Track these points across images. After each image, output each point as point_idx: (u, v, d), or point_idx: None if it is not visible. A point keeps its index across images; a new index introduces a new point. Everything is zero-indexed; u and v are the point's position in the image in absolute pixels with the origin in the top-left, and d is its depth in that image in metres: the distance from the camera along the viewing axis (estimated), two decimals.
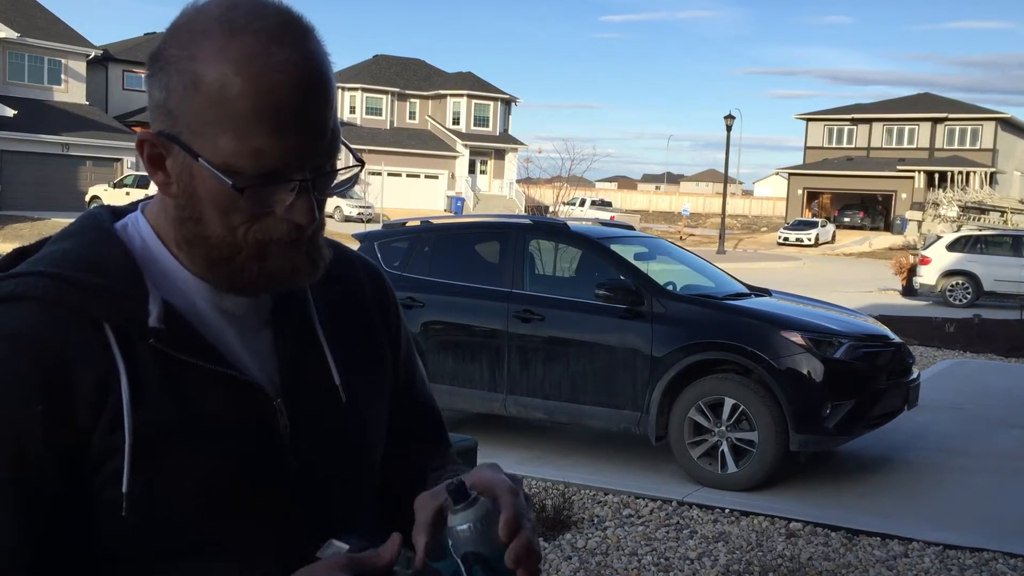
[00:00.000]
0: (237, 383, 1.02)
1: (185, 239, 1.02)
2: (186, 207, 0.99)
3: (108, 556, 0.98)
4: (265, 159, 0.94)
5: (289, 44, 0.94)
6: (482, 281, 7.29)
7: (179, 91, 0.95)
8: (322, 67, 0.97)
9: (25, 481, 0.93)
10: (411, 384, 1.28)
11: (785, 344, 6.28)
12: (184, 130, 0.95)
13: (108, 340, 0.96)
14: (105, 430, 0.95)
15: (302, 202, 0.98)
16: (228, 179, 0.94)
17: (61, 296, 0.96)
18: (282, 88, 0.93)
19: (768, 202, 72.82)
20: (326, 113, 0.97)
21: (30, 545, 0.94)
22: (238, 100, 0.92)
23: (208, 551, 1.00)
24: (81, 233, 1.04)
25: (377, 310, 1.23)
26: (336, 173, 1.02)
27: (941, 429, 8.35)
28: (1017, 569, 5.04)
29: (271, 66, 0.93)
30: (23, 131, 35.20)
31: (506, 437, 7.57)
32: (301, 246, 1.01)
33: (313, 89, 0.95)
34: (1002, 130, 53.59)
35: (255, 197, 0.96)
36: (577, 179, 42.60)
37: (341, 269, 1.19)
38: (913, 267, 23.03)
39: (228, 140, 0.93)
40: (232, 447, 1.01)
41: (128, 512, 0.95)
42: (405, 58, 58.41)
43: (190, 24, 0.96)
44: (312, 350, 1.11)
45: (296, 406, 1.07)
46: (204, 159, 0.95)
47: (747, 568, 4.91)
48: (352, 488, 1.13)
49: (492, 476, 1.00)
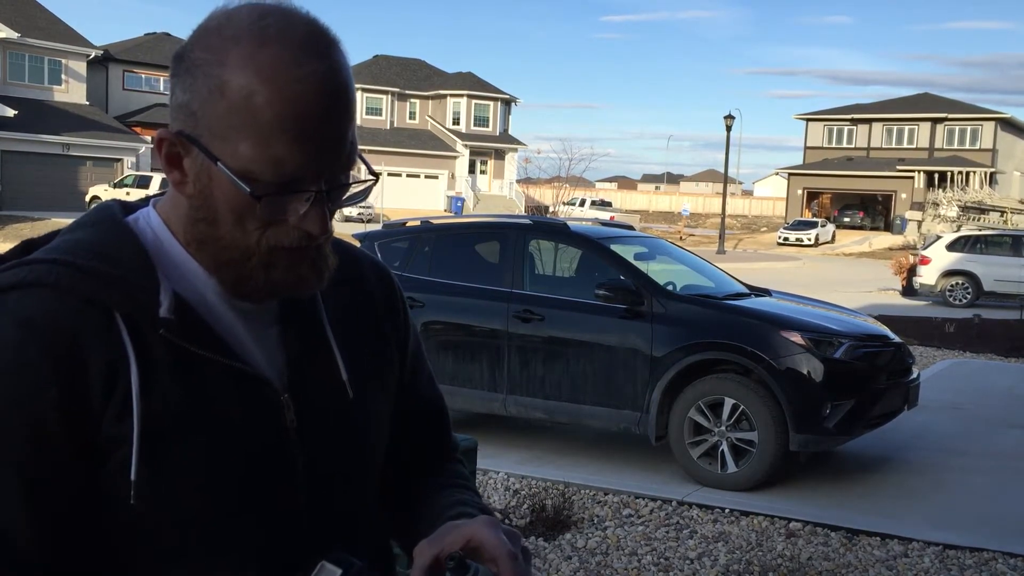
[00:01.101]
0: (245, 376, 1.03)
1: (196, 239, 1.03)
2: (201, 208, 1.00)
3: (116, 547, 0.99)
4: (284, 168, 0.95)
5: (316, 56, 0.96)
6: (482, 281, 7.29)
7: (204, 94, 0.96)
8: (346, 80, 0.99)
9: (44, 462, 0.94)
10: (417, 384, 1.29)
11: (785, 344, 6.28)
12: (205, 133, 0.97)
13: (119, 328, 0.97)
14: (114, 417, 0.96)
15: (315, 212, 0.99)
16: (246, 186, 0.96)
17: (74, 284, 0.97)
18: (306, 99, 0.94)
19: (768, 202, 72.85)
20: (347, 126, 0.99)
21: (47, 527, 0.95)
22: (263, 108, 0.94)
23: (212, 543, 1.00)
24: (94, 224, 1.05)
25: (385, 309, 1.25)
26: (350, 186, 1.03)
27: (941, 429, 8.35)
28: (1017, 569, 5.04)
29: (297, 77, 0.94)
30: (23, 131, 35.21)
31: (506, 437, 7.57)
32: (308, 255, 1.02)
33: (336, 101, 0.97)
34: (1002, 130, 53.58)
35: (271, 205, 0.97)
36: (577, 179, 42.55)
37: (349, 268, 1.20)
38: (913, 267, 23.03)
39: (249, 147, 0.95)
40: (239, 440, 1.01)
41: (136, 500, 0.95)
42: (405, 58, 58.41)
43: (220, 29, 0.97)
44: (320, 347, 1.12)
45: (303, 401, 1.08)
46: (223, 163, 0.96)
47: (747, 568, 4.91)
48: (355, 485, 1.14)
49: (492, 538, 1.00)
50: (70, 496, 0.95)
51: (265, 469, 1.03)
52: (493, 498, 5.87)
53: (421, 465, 1.25)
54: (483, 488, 6.00)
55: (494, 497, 5.89)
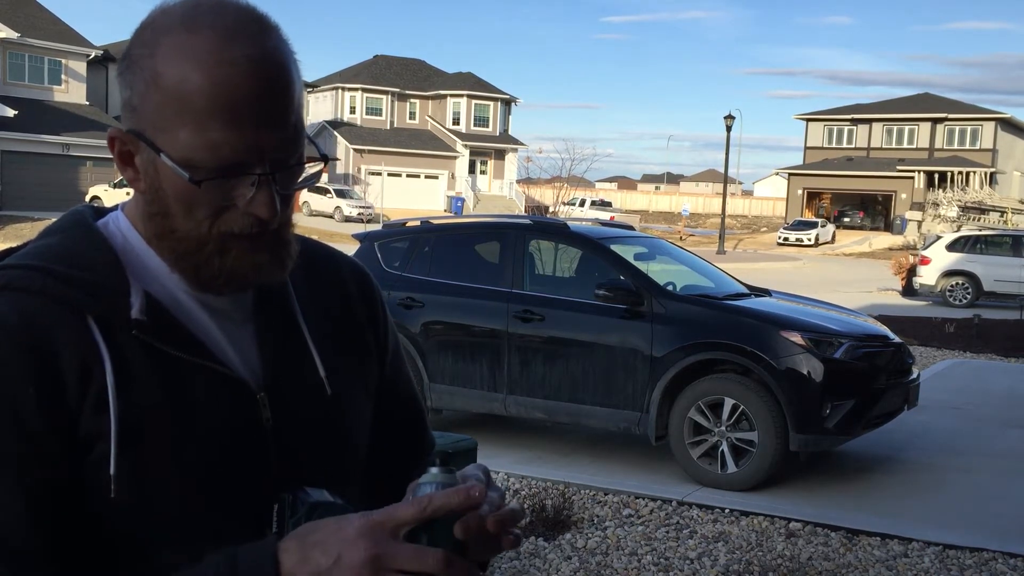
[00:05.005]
0: (219, 376, 1.04)
1: (155, 233, 1.04)
2: (153, 202, 1.02)
3: (99, 538, 0.99)
4: (222, 152, 0.96)
5: (247, 40, 0.96)
6: (482, 281, 7.29)
7: (141, 88, 0.98)
8: (282, 63, 0.99)
9: (29, 457, 0.95)
10: (396, 384, 1.28)
11: (785, 344, 6.28)
12: (148, 127, 0.98)
13: (92, 330, 0.98)
14: (91, 414, 0.97)
15: (262, 195, 0.99)
16: (185, 172, 0.97)
17: (46, 287, 0.98)
18: (238, 82, 0.95)
19: (768, 202, 72.85)
20: (285, 108, 0.99)
21: (37, 523, 0.95)
22: (195, 94, 0.95)
23: (189, 541, 1.01)
24: (64, 230, 1.06)
25: (362, 309, 1.24)
26: (300, 168, 1.03)
27: (941, 429, 8.35)
28: (1017, 569, 5.04)
29: (227, 61, 0.95)
30: (23, 131, 35.20)
31: (506, 437, 7.57)
32: (264, 242, 1.02)
33: (271, 84, 0.97)
34: (1002, 130, 53.58)
35: (214, 190, 0.98)
36: (577, 179, 42.55)
37: (325, 267, 1.21)
38: (913, 267, 23.05)
39: (187, 134, 0.96)
40: (214, 439, 1.02)
41: (116, 494, 0.96)
42: (405, 58, 58.40)
43: (154, 24, 0.99)
44: (296, 344, 1.12)
45: (279, 400, 1.08)
46: (165, 154, 0.97)
47: (747, 568, 4.91)
48: (337, 483, 1.13)
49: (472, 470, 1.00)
50: (57, 489, 0.96)
51: (240, 468, 1.04)
52: None
53: (399, 467, 1.24)
54: None
55: None
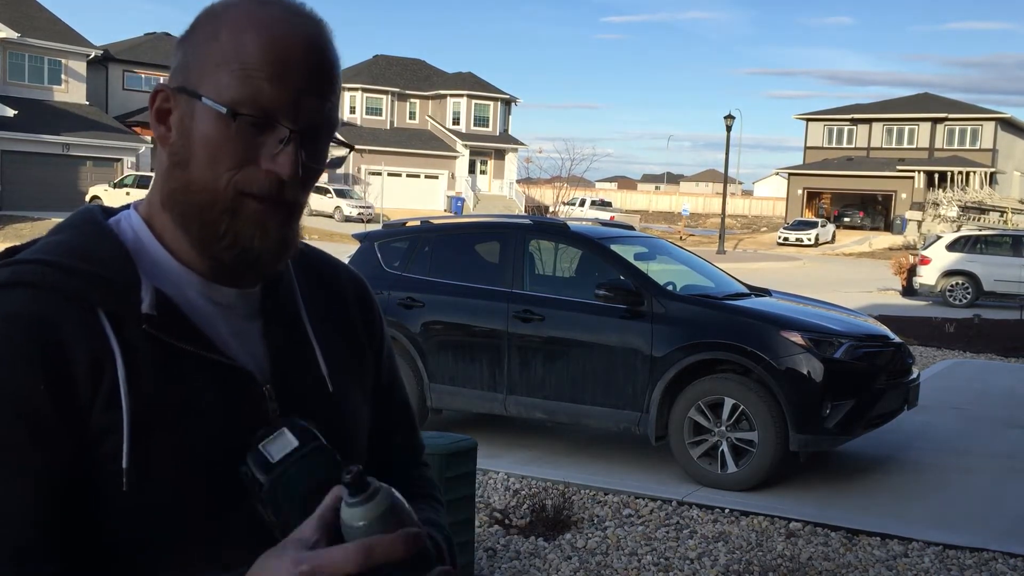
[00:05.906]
0: (227, 369, 1.05)
1: (170, 192, 1.05)
2: (178, 152, 1.04)
3: (110, 532, 0.99)
4: (262, 100, 1.01)
5: (309, 20, 1.05)
6: (482, 281, 7.29)
7: (199, 43, 1.04)
8: (333, 50, 1.07)
9: (41, 450, 0.95)
10: (391, 389, 1.32)
11: (785, 344, 6.28)
12: (193, 77, 1.03)
13: (103, 325, 1.00)
14: (102, 408, 0.98)
15: (287, 154, 1.02)
16: (224, 108, 1.00)
17: (57, 282, 0.99)
18: (293, 46, 1.02)
19: (768, 202, 72.84)
20: (329, 84, 1.05)
21: (45, 522, 0.95)
22: (250, 45, 1.01)
23: (198, 529, 1.02)
24: (75, 226, 1.08)
25: (360, 314, 1.27)
26: (327, 139, 1.08)
27: (941, 429, 8.35)
28: (1017, 569, 5.04)
29: (288, 29, 1.03)
30: (23, 131, 35.17)
31: (506, 437, 7.57)
32: (275, 211, 1.04)
33: (321, 59, 1.04)
34: (1002, 130, 53.55)
35: (242, 139, 1.01)
36: (577, 179, 42.53)
37: (325, 271, 1.25)
38: (913, 267, 23.04)
39: (232, 79, 1.01)
40: (222, 431, 1.03)
41: (128, 487, 0.97)
42: (405, 58, 58.36)
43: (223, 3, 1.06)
44: (300, 341, 1.15)
45: (284, 392, 1.10)
46: (207, 97, 1.01)
47: (747, 568, 4.91)
48: None
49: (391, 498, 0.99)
50: (65, 486, 0.97)
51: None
52: (493, 498, 5.87)
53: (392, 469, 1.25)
54: (483, 488, 6.00)
55: (494, 497, 5.89)
